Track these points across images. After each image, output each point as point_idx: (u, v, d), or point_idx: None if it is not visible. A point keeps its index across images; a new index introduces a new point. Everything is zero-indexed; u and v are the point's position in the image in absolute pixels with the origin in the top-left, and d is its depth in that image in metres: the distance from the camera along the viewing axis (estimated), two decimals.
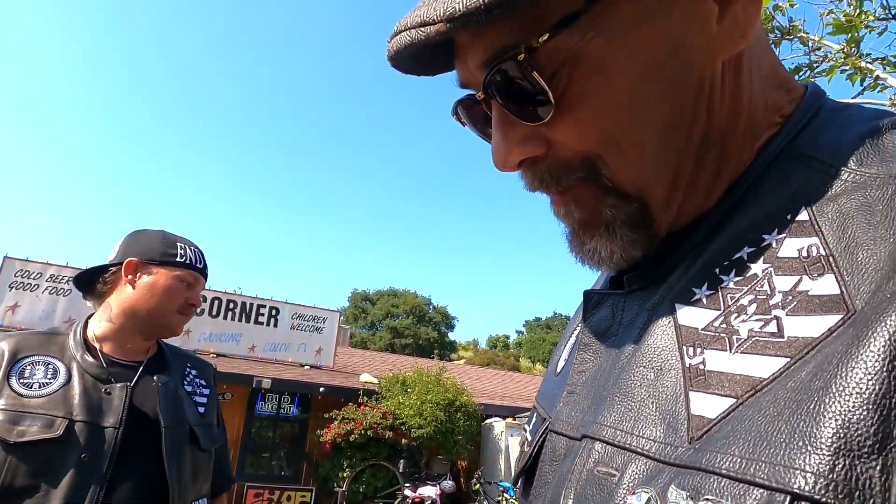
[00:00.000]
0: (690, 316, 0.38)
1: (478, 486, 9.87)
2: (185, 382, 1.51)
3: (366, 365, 14.48)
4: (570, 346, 0.56)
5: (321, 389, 10.29)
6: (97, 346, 1.38)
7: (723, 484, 0.28)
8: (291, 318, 12.28)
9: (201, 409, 1.49)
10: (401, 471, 9.91)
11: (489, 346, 53.73)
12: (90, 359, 1.35)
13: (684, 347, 0.37)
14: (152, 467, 1.32)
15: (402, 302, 43.93)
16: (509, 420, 11.24)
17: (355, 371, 12.88)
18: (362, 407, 10.24)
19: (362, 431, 9.73)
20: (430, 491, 9.36)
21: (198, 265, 1.50)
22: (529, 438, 0.54)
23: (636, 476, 0.34)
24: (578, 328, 0.54)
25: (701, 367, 0.35)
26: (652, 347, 0.39)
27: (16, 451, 1.17)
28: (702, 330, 0.37)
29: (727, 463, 0.29)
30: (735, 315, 0.35)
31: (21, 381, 1.25)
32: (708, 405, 0.33)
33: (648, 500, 0.31)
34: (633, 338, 0.43)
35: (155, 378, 1.41)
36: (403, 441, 10.00)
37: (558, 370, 0.56)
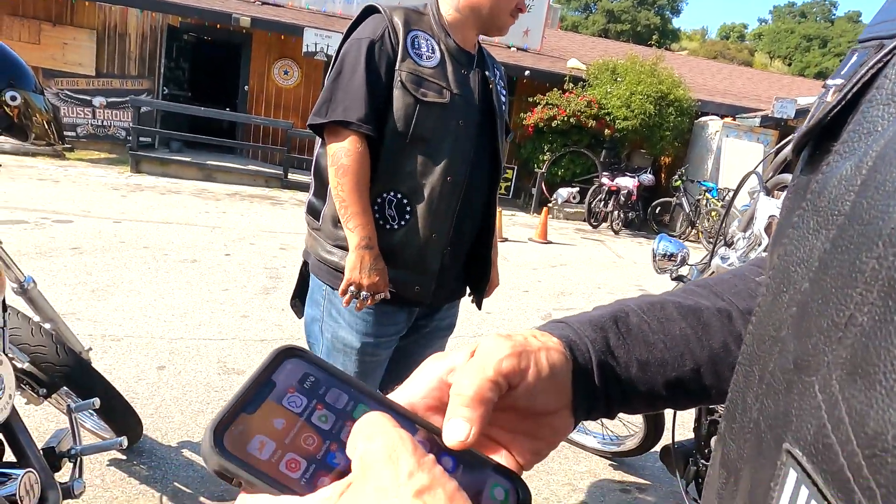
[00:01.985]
0: None
1: (679, 182, 9.66)
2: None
3: (575, 50, 13.62)
4: None
5: (526, 73, 10.08)
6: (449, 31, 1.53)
7: None
8: None
9: (505, 106, 1.65)
10: (600, 160, 10.00)
11: (720, 37, 46.61)
12: (452, 42, 1.50)
13: None
14: (488, 143, 1.57)
15: None
16: (727, 119, 10.23)
17: (563, 56, 12.25)
18: (567, 94, 9.97)
19: (565, 118, 9.67)
20: (627, 182, 9.45)
21: None
22: (839, 83, 0.32)
23: None
24: None
25: None
26: None
27: (421, 107, 1.43)
28: None
29: None
30: None
31: (414, 50, 1.44)
32: None
33: None
34: None
35: (487, 73, 1.57)
36: (606, 132, 9.81)
37: None
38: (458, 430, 0.32)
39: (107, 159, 9.22)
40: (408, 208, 1.47)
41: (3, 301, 1.41)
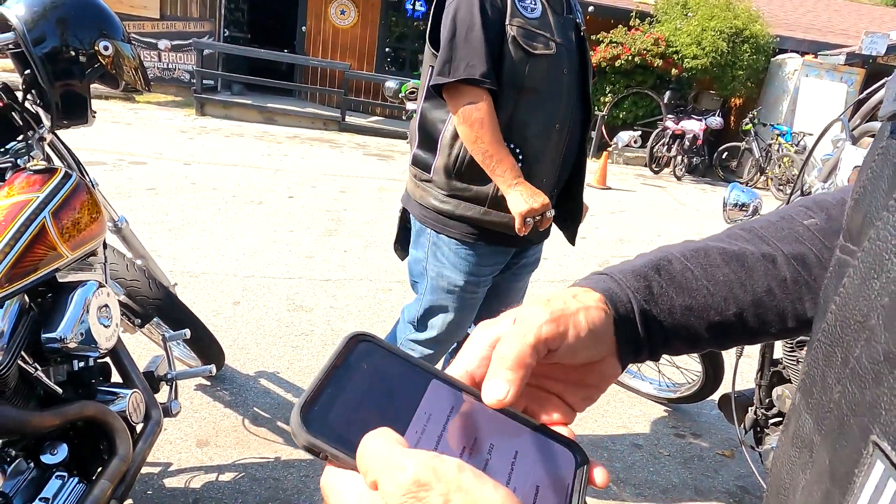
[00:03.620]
0: None
1: (749, 126, 9.14)
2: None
3: None
4: None
5: (590, 9, 9.58)
6: None
7: None
8: None
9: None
10: (665, 102, 9.54)
11: None
12: None
13: None
14: (580, 88, 1.64)
15: None
16: (808, 57, 9.49)
17: None
18: (633, 30, 9.46)
19: (629, 57, 9.21)
20: (693, 125, 9.01)
21: None
22: None
23: None
24: None
25: None
26: None
27: (532, 60, 1.49)
28: None
29: None
30: None
31: (520, 4, 1.48)
32: None
33: None
34: None
35: (577, 19, 1.62)
36: (673, 71, 9.31)
37: None
38: (497, 389, 0.34)
39: (173, 102, 9.50)
40: (520, 157, 1.54)
41: (104, 238, 1.54)
